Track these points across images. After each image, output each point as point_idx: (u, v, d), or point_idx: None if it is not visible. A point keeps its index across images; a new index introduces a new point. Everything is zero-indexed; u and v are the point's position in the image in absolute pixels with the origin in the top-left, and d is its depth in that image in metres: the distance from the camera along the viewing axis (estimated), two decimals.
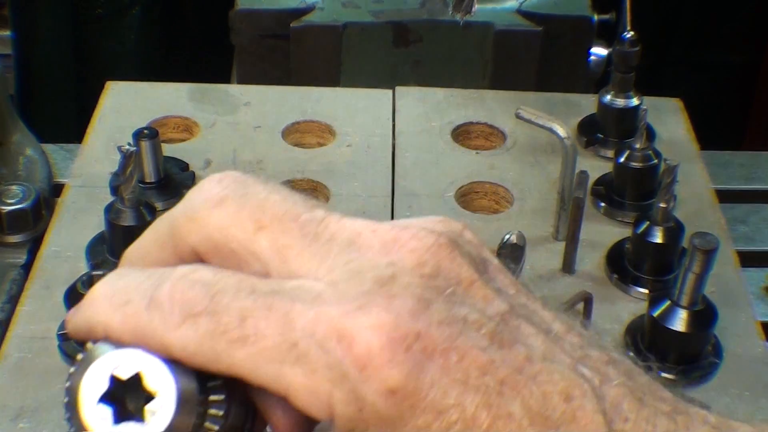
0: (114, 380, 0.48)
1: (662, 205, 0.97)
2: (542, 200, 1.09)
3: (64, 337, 0.92)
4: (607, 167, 1.12)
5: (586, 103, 1.23)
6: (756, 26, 1.92)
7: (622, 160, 1.07)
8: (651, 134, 1.15)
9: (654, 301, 0.92)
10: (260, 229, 0.48)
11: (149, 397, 0.47)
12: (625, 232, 1.04)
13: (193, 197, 0.51)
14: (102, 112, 1.21)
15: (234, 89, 1.28)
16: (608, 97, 1.16)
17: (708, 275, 0.89)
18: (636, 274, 1.00)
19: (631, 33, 1.13)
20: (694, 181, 1.14)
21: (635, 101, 1.16)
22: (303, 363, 0.45)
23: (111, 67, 1.74)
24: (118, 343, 0.49)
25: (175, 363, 0.48)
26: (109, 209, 0.97)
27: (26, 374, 0.91)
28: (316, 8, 1.41)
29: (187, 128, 1.20)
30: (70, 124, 1.70)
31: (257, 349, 0.45)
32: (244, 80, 1.44)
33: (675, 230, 0.99)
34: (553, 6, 1.43)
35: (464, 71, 1.43)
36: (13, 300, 1.00)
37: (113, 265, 0.96)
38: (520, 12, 1.42)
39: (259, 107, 1.23)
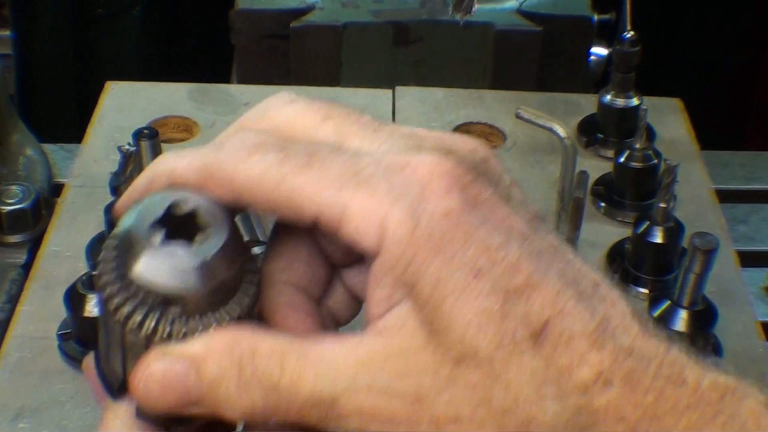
0: (169, 212, 0.49)
1: (662, 205, 0.97)
2: (542, 200, 1.09)
3: (64, 337, 0.92)
4: (607, 167, 1.12)
5: (586, 103, 1.23)
6: (756, 26, 1.92)
7: (622, 160, 1.07)
8: (651, 134, 1.15)
9: (654, 301, 0.92)
10: (326, 119, 0.51)
11: (201, 230, 0.49)
12: (625, 232, 1.04)
13: (267, 100, 0.55)
14: (102, 112, 1.21)
15: (234, 89, 1.28)
16: (608, 97, 1.16)
17: (708, 275, 0.89)
18: (636, 274, 1.00)
19: (631, 33, 1.12)
20: (694, 181, 1.14)
21: (635, 101, 1.15)
22: (364, 186, 0.47)
23: (111, 67, 1.74)
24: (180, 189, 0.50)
25: (230, 215, 0.50)
26: (109, 209, 0.97)
27: (26, 374, 0.91)
28: (316, 8, 1.41)
29: (187, 128, 1.20)
30: (70, 124, 1.70)
31: (321, 174, 0.48)
32: (244, 80, 1.44)
33: (675, 230, 0.99)
34: (553, 6, 1.43)
35: (464, 71, 1.43)
36: (13, 300, 1.00)
37: None
38: (520, 12, 1.42)
39: None
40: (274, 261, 0.53)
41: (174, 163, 0.51)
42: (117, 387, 0.52)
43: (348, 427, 0.47)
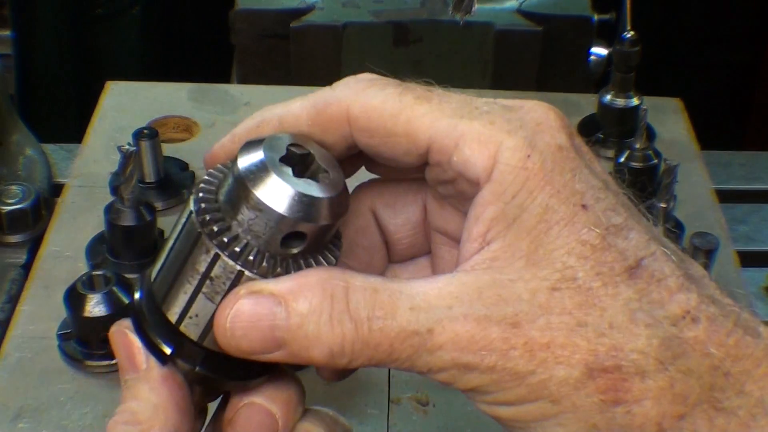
0: (290, 151, 0.50)
1: (662, 205, 0.97)
2: None
3: (64, 337, 0.92)
4: (607, 167, 1.12)
5: (586, 103, 1.23)
6: (756, 26, 1.92)
7: (622, 160, 1.07)
8: (651, 134, 1.15)
9: None
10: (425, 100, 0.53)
11: (321, 171, 0.50)
12: None
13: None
14: (102, 112, 1.21)
15: (234, 89, 1.28)
16: (608, 97, 1.16)
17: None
18: None
19: (631, 33, 1.12)
20: (694, 181, 1.14)
21: (635, 101, 1.15)
22: (483, 118, 0.50)
23: (111, 67, 1.74)
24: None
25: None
26: (109, 209, 0.97)
27: (26, 374, 0.91)
28: (316, 8, 1.41)
29: (187, 128, 1.20)
30: (70, 124, 1.70)
31: (439, 106, 0.51)
32: (244, 80, 1.44)
33: (675, 230, 0.99)
34: (553, 6, 1.43)
35: (464, 71, 1.43)
36: (13, 300, 1.00)
37: (113, 265, 0.96)
38: (520, 12, 1.42)
39: (259, 107, 1.22)
40: None
41: (283, 107, 0.54)
42: (171, 341, 0.51)
43: (440, 360, 0.48)
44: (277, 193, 0.48)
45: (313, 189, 0.49)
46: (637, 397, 0.47)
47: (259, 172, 0.48)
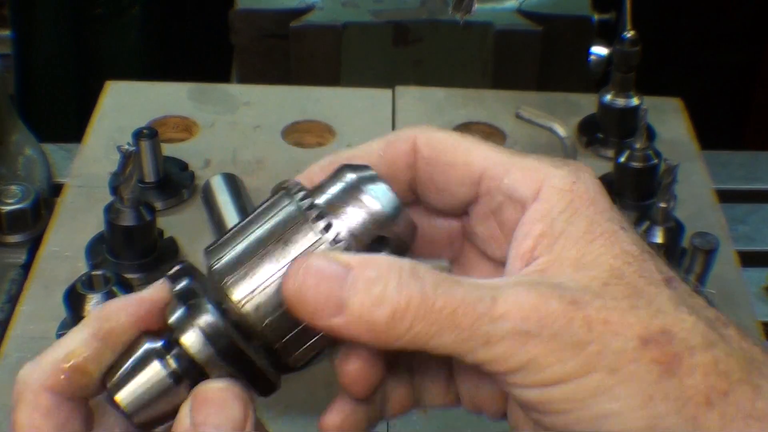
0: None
1: (662, 205, 0.97)
2: None
3: None
4: (607, 167, 1.12)
5: (586, 103, 1.23)
6: (756, 26, 1.92)
7: (622, 160, 1.07)
8: (651, 134, 1.15)
9: None
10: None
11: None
12: None
13: None
14: (102, 112, 1.21)
15: (234, 89, 1.28)
16: (608, 97, 1.16)
17: (708, 275, 0.89)
18: None
19: (631, 33, 1.12)
20: (694, 181, 1.14)
21: (635, 101, 1.15)
22: (531, 156, 0.57)
23: (111, 67, 1.74)
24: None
25: None
26: (109, 209, 0.97)
27: None
28: (316, 8, 1.41)
29: (186, 128, 1.20)
30: (70, 124, 1.70)
31: (494, 147, 0.59)
32: (244, 80, 1.44)
33: (675, 230, 0.99)
34: (553, 6, 1.43)
35: (464, 71, 1.43)
36: (13, 300, 1.00)
37: (113, 265, 0.96)
38: (520, 12, 1.42)
39: (258, 107, 1.23)
40: None
41: (355, 148, 0.61)
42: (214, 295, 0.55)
43: (500, 329, 0.51)
44: (384, 199, 0.56)
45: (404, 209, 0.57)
46: (687, 370, 0.50)
47: (371, 180, 0.57)
